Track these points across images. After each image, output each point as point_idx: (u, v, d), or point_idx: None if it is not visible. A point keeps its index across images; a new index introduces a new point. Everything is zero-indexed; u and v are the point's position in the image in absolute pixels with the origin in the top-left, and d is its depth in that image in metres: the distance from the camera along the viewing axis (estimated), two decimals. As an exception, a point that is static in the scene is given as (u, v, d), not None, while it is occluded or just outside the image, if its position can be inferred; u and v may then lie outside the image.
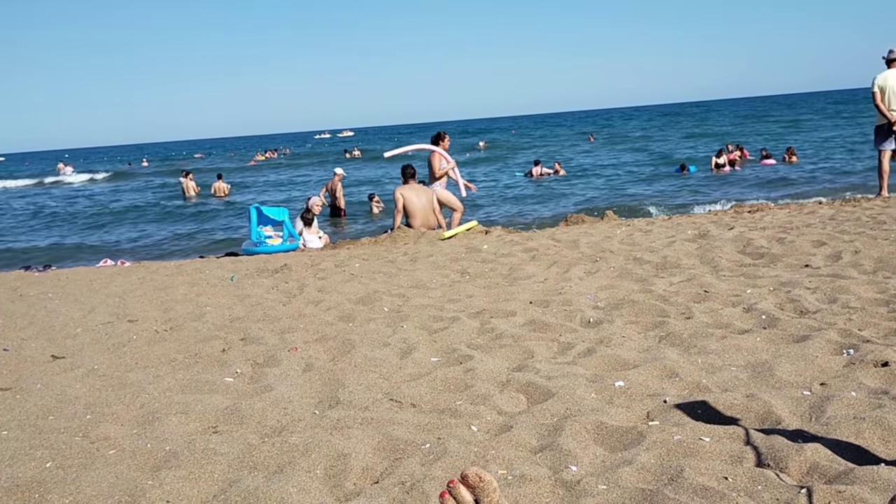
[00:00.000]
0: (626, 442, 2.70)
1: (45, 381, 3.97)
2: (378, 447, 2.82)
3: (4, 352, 4.67)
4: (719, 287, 4.90)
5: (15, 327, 5.48)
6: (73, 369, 4.19)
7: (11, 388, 3.90)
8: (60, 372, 4.16)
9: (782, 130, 39.88)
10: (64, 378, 4.01)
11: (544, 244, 7.44)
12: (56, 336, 5.07)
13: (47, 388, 3.84)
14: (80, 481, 2.62)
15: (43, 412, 3.47)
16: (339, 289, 5.98)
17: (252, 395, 3.52)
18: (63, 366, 4.29)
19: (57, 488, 2.58)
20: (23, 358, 4.49)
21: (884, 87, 9.57)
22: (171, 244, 15.12)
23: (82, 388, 3.81)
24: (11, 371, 4.24)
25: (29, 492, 2.57)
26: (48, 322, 5.57)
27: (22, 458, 2.88)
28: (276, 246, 9.95)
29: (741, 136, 35.83)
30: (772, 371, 3.26)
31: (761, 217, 8.17)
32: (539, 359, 3.75)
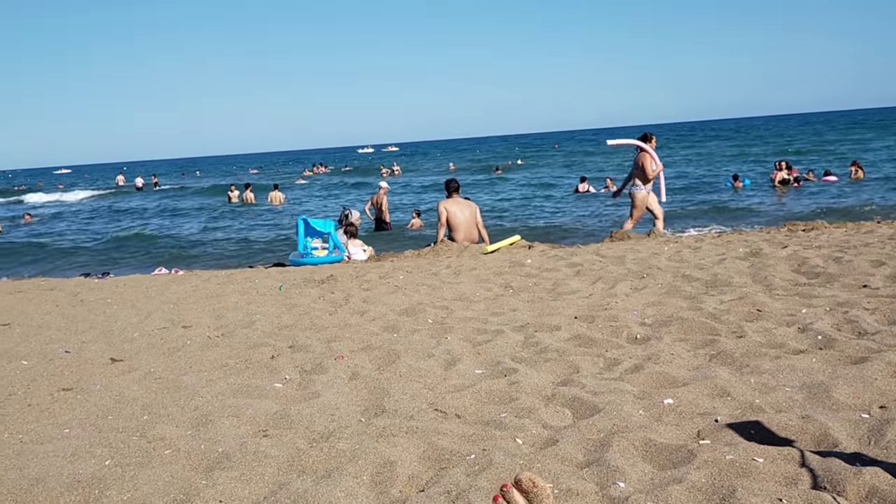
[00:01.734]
0: (675, 460, 2.66)
1: (105, 383, 4.08)
2: (423, 456, 2.83)
3: (66, 354, 4.82)
4: (773, 306, 4.80)
5: (76, 331, 5.66)
6: (130, 372, 4.31)
7: (73, 388, 4.03)
8: (119, 374, 4.28)
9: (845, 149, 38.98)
10: (122, 380, 4.12)
11: (589, 259, 7.39)
12: (115, 340, 5.22)
13: (106, 389, 3.95)
14: (138, 479, 2.69)
15: (102, 412, 3.58)
16: (383, 300, 6.03)
17: (300, 401, 3.57)
18: (121, 368, 4.41)
19: (115, 485, 2.65)
20: (84, 360, 4.64)
21: None
22: (223, 252, 15.40)
23: (139, 389, 3.91)
24: (73, 372, 4.38)
25: (89, 488, 2.65)
26: (107, 326, 5.73)
27: (83, 456, 2.97)
28: (322, 257, 10.06)
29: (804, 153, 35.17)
30: (828, 393, 3.18)
31: (816, 236, 7.99)
32: (585, 374, 3.72)
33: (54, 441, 3.20)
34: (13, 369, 4.54)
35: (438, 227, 9.90)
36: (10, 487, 2.66)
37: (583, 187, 23.05)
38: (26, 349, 5.08)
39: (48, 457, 2.97)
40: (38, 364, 4.63)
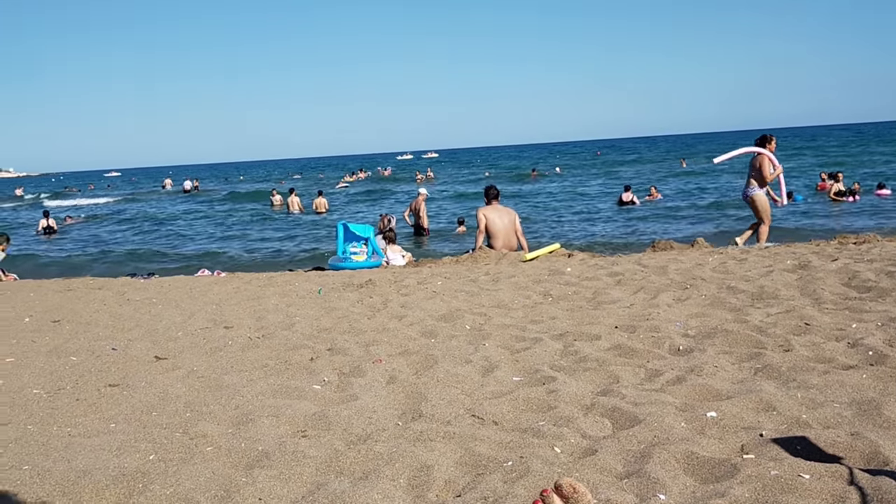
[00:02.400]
0: (718, 474, 2.60)
1: (149, 380, 4.16)
2: (460, 461, 2.82)
3: (113, 351, 4.93)
4: (821, 320, 4.68)
5: (122, 329, 5.77)
6: (174, 370, 4.38)
7: (119, 384, 4.11)
8: (163, 372, 4.35)
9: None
10: (166, 378, 4.19)
11: (630, 269, 7.30)
12: (159, 338, 5.31)
13: (151, 386, 4.03)
14: (180, 474, 2.73)
15: (147, 408, 3.64)
16: (421, 305, 6.03)
17: (338, 403, 3.58)
18: (165, 366, 4.48)
19: (159, 479, 2.70)
20: (129, 357, 4.73)
21: None
22: (267, 255, 15.60)
23: (182, 387, 3.98)
24: (119, 369, 4.47)
25: (134, 481, 2.69)
26: (152, 325, 5.83)
27: (128, 450, 3.02)
28: (361, 262, 10.13)
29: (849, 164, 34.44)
30: (879, 410, 3.08)
31: (868, 249, 7.78)
32: (625, 384, 3.67)
33: (101, 435, 3.27)
34: (62, 365, 4.65)
35: (477, 234, 9.89)
36: (58, 479, 2.72)
37: (626, 197, 22.78)
38: (75, 346, 5.19)
39: (95, 450, 3.03)
40: (86, 360, 4.73)
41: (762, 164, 9.91)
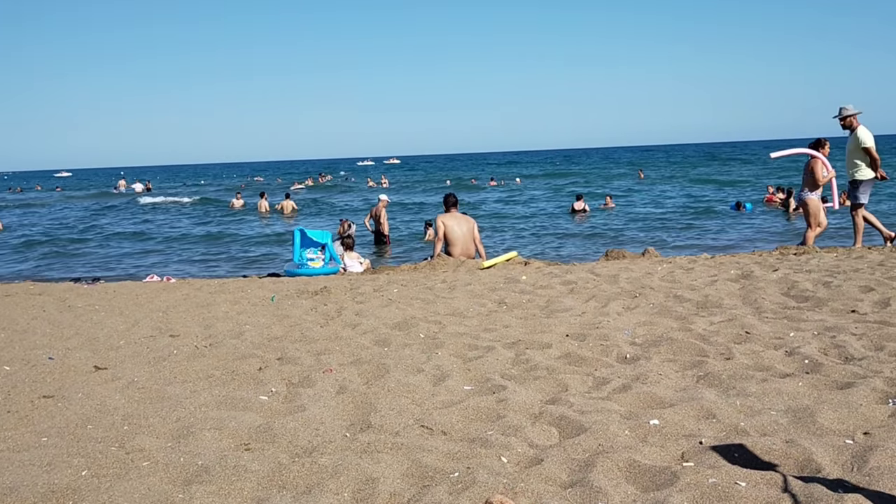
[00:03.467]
0: (658, 482, 2.65)
1: (87, 391, 4.06)
2: (407, 473, 2.82)
3: (49, 360, 4.79)
4: (761, 329, 4.80)
5: (61, 337, 5.63)
6: (113, 380, 4.28)
7: (54, 395, 4.00)
8: (102, 383, 4.25)
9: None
10: (105, 389, 4.09)
11: (583, 278, 7.38)
12: (100, 347, 5.19)
13: (88, 397, 3.93)
14: (113, 491, 2.67)
15: (82, 421, 3.55)
16: (376, 313, 6.01)
17: (285, 415, 3.55)
18: (105, 377, 4.38)
19: (90, 496, 2.63)
20: (67, 367, 4.61)
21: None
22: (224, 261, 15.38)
23: (122, 399, 3.89)
24: (55, 379, 4.35)
25: (63, 498, 2.62)
26: (93, 333, 5.70)
27: (59, 465, 2.94)
28: (318, 269, 10.05)
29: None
30: (813, 417, 3.17)
31: (807, 260, 8.00)
32: (573, 392, 3.71)
33: (31, 449, 3.18)
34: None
35: (436, 242, 9.90)
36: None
37: (579, 205, 23.03)
38: (9, 355, 5.05)
39: (24, 465, 2.95)
40: (20, 370, 4.59)
41: (814, 168, 9.99)
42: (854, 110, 9.80)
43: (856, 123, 9.76)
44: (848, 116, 9.80)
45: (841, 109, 9.87)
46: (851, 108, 9.83)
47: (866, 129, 9.71)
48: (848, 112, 9.80)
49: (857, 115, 9.80)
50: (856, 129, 9.73)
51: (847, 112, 9.81)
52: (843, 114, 9.83)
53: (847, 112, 9.81)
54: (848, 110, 9.81)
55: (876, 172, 9.73)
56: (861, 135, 9.65)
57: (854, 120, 9.79)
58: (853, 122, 9.78)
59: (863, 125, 9.76)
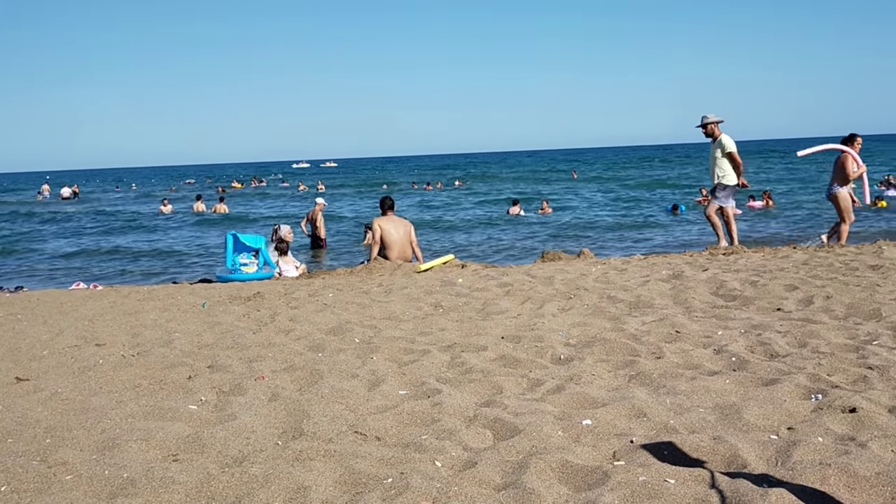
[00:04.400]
0: (590, 482, 2.67)
1: (7, 403, 3.88)
2: (339, 480, 2.78)
3: (-35, 373, 4.57)
4: (691, 328, 4.91)
5: (-21, 348, 5.38)
6: (36, 392, 4.11)
7: (-30, 409, 3.81)
8: (23, 394, 4.08)
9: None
10: (26, 401, 3.93)
11: (519, 280, 7.44)
12: (22, 358, 4.98)
13: (8, 410, 3.76)
14: (33, 507, 2.56)
15: (2, 434, 3.40)
16: (310, 318, 5.93)
17: (215, 424, 3.46)
18: (26, 388, 4.21)
19: (7, 514, 2.51)
20: (-16, 379, 4.40)
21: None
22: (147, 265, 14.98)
23: (44, 411, 3.74)
24: (-28, 392, 4.15)
25: (-23, 516, 2.50)
26: (14, 343, 5.47)
27: (-26, 482, 2.80)
28: (251, 274, 9.87)
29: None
30: (740, 414, 3.25)
31: (735, 260, 8.24)
32: (508, 394, 3.73)
33: (-53, 467, 3.02)
34: None
35: (372, 245, 9.84)
36: None
37: (514, 210, 23.22)
38: (-75, 368, 4.80)
39: (-62, 484, 2.80)
40: (-65, 384, 4.37)
41: (845, 163, 10.11)
42: (715, 119, 10.12)
43: (717, 132, 10.09)
44: (709, 124, 10.12)
45: (703, 118, 10.18)
46: (713, 116, 10.14)
47: (728, 136, 10.03)
48: (709, 120, 10.12)
49: (718, 123, 10.14)
50: (718, 137, 10.05)
51: (708, 120, 10.13)
52: (704, 122, 10.15)
53: (708, 120, 10.13)
54: (709, 119, 10.12)
55: (738, 178, 10.07)
56: (724, 142, 9.97)
57: (716, 128, 10.13)
58: (715, 131, 10.11)
59: (725, 133, 10.09)
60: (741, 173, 10.16)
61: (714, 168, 10.17)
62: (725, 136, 10.05)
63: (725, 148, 9.97)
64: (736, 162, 10.02)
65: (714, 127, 10.16)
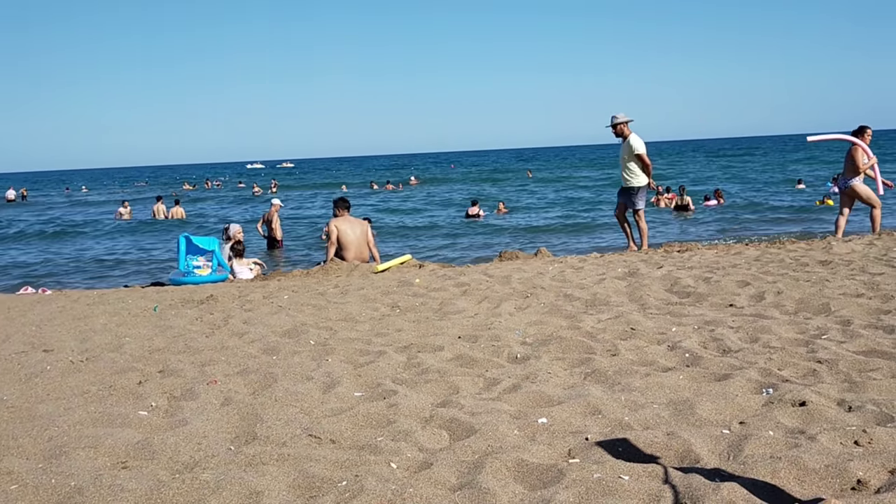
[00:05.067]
0: (545, 480, 2.68)
1: (-51, 413, 3.75)
2: (293, 484, 2.74)
3: None
4: (646, 325, 4.96)
5: (-81, 356, 5.18)
6: (-21, 400, 3.97)
7: None
8: (-34, 403, 3.94)
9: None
10: (-31, 409, 3.79)
11: (476, 279, 7.44)
12: (-36, 366, 4.82)
13: (-49, 419, 3.63)
14: (-27, 519, 2.47)
15: (-56, 444, 3.27)
16: (265, 321, 5.85)
17: (166, 430, 3.39)
18: (-32, 397, 4.06)
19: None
20: (-74, 388, 4.24)
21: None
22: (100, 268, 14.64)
23: (-12, 419, 3.61)
24: (-87, 402, 3.99)
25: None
26: (-44, 351, 5.29)
27: (-86, 495, 2.69)
28: (205, 276, 9.71)
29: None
30: (693, 409, 3.29)
31: (690, 257, 8.36)
32: (464, 394, 3.72)
33: None
34: None
35: (328, 246, 9.76)
36: None
37: (473, 210, 23.12)
38: None
39: None
40: None
41: (855, 155, 10.05)
42: (625, 118, 10.03)
43: (627, 131, 10.01)
44: (619, 124, 10.03)
45: (612, 118, 10.09)
46: (623, 116, 10.05)
47: (638, 136, 9.97)
48: (619, 120, 10.03)
49: (628, 122, 10.05)
50: (628, 137, 9.97)
51: (618, 120, 10.04)
52: (614, 122, 10.06)
53: (618, 120, 10.04)
54: (619, 118, 10.03)
55: (648, 179, 10.04)
56: (633, 142, 9.89)
57: (626, 128, 10.03)
58: (625, 130, 10.02)
59: (634, 132, 10.01)
60: (650, 174, 10.08)
61: (622, 170, 10.08)
62: (635, 137, 9.96)
63: (635, 149, 9.89)
64: (645, 163, 9.92)
65: (624, 127, 10.04)
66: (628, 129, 10.05)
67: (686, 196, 21.56)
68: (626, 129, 10.04)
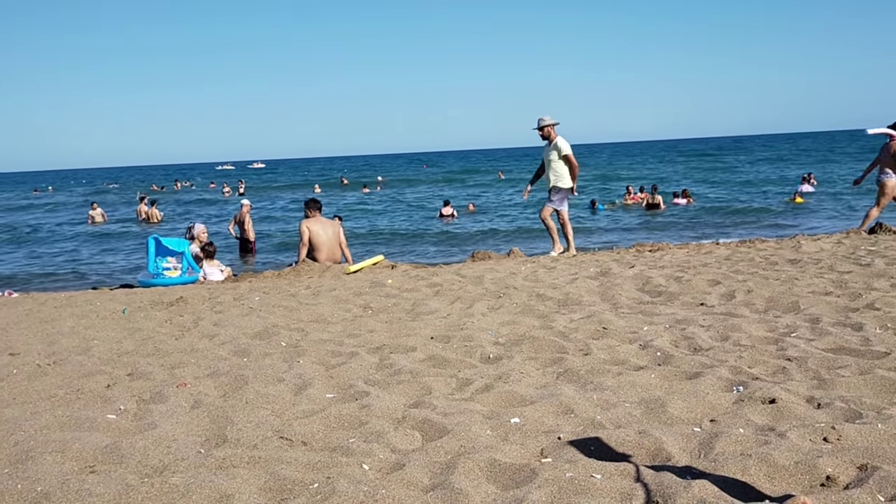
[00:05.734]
0: (518, 480, 2.67)
1: (-89, 419, 3.65)
2: (264, 487, 2.70)
3: None
4: (618, 324, 4.99)
5: None
6: (-58, 405, 3.88)
7: None
8: (-71, 408, 3.84)
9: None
10: (-68, 415, 3.70)
11: (449, 279, 7.44)
12: (-74, 371, 4.70)
13: (-87, 425, 3.53)
14: (-65, 527, 2.41)
15: None
16: (235, 323, 5.79)
17: (134, 433, 3.34)
18: (-69, 402, 3.97)
19: None
20: None
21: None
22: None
23: (-48, 425, 3.52)
24: None
25: None
26: (-83, 355, 5.16)
27: None
28: (175, 278, 9.60)
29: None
30: (664, 407, 3.31)
31: (661, 256, 8.44)
32: (437, 395, 3.71)
33: None
34: None
35: (300, 247, 9.70)
36: None
37: (447, 210, 23.08)
38: None
39: None
40: None
41: (893, 148, 10.09)
42: (551, 121, 10.02)
43: (553, 134, 9.99)
44: (546, 126, 10.00)
45: (539, 120, 10.05)
46: (549, 118, 10.02)
47: (564, 138, 9.97)
48: (546, 122, 9.99)
49: (554, 125, 10.03)
50: (554, 140, 9.96)
51: (545, 122, 10.00)
52: (540, 124, 10.03)
53: (545, 122, 10.00)
54: (545, 121, 10.00)
55: (573, 182, 10.00)
56: (561, 144, 9.88)
57: (552, 130, 10.00)
58: (551, 133, 9.99)
59: (560, 135, 9.99)
60: (576, 177, 10.02)
61: (549, 171, 10.04)
62: (561, 139, 9.94)
63: (561, 150, 9.86)
64: (572, 164, 9.90)
65: (550, 129, 10.00)
66: (554, 131, 10.01)
67: (658, 195, 21.82)
68: (553, 131, 10.01)
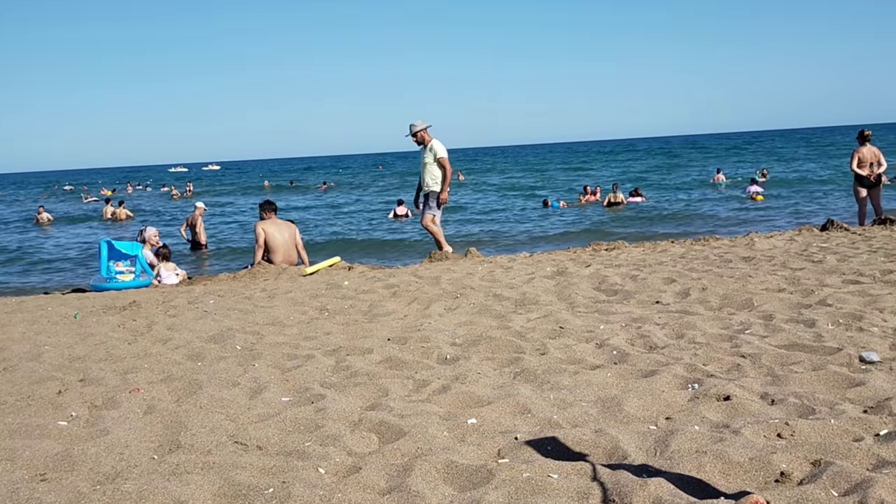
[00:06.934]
0: (475, 481, 2.68)
1: None
2: (218, 493, 2.67)
3: None
4: (574, 323, 5.03)
5: None
6: None
7: None
8: None
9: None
10: None
11: (406, 280, 7.43)
12: None
13: None
14: None
15: None
16: (190, 326, 5.70)
17: (86, 440, 3.27)
18: None
19: None
20: None
21: None
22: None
23: None
24: None
25: None
26: None
27: None
28: (128, 282, 9.41)
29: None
30: (620, 406, 3.35)
31: (617, 255, 8.53)
32: (393, 397, 3.69)
33: None
34: None
35: (256, 249, 9.59)
36: None
37: (400, 210, 22.82)
38: None
39: None
40: None
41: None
42: (424, 125, 9.92)
43: (428, 138, 9.90)
44: (419, 132, 9.90)
45: (411, 126, 9.94)
46: (421, 123, 9.92)
47: (440, 141, 9.86)
48: (418, 128, 9.89)
49: (427, 128, 9.93)
50: (429, 143, 9.87)
51: (417, 128, 9.89)
52: (413, 130, 9.93)
53: (417, 128, 9.89)
54: (417, 126, 9.89)
55: (445, 186, 9.81)
56: (437, 147, 9.79)
57: (426, 134, 9.91)
58: (425, 137, 9.90)
59: (436, 138, 9.90)
60: (449, 179, 9.85)
61: (425, 175, 9.91)
62: (437, 142, 9.83)
63: (438, 153, 9.76)
64: (445, 168, 9.78)
65: (424, 133, 9.90)
66: (429, 135, 9.92)
67: (619, 193, 22.16)
68: (427, 135, 9.91)
